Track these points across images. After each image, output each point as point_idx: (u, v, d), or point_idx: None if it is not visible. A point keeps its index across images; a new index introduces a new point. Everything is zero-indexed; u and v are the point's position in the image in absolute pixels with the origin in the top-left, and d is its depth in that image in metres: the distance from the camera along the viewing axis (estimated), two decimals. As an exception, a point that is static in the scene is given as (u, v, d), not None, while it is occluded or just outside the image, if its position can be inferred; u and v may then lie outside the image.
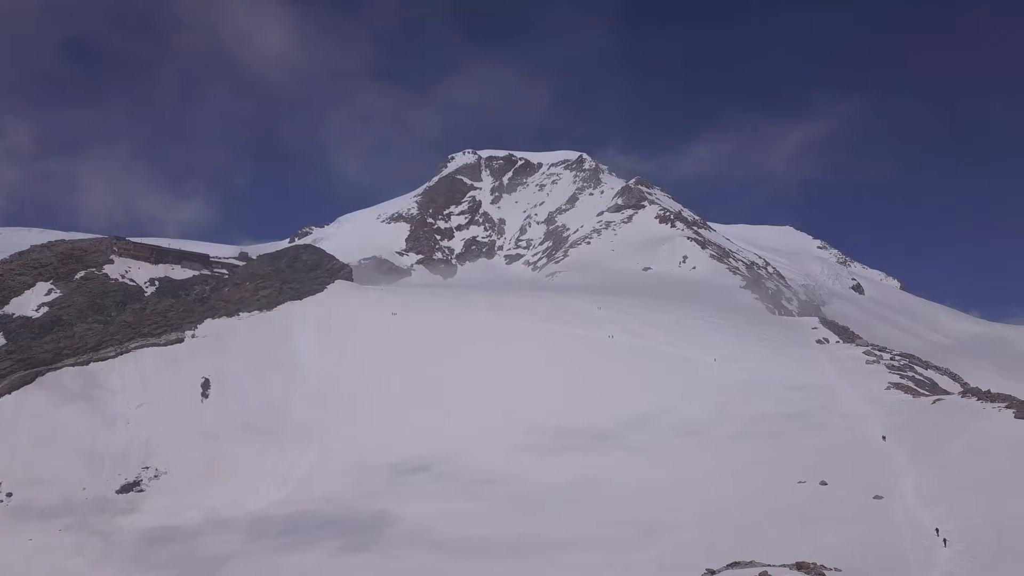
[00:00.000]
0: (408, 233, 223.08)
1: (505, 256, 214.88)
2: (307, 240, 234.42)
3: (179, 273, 79.73)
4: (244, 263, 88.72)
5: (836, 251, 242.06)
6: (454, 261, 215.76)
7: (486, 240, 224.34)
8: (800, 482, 40.97)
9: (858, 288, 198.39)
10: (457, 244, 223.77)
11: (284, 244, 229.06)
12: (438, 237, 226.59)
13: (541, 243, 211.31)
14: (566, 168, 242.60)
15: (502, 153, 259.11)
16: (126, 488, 53.00)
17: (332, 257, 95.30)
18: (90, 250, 74.81)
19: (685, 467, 45.91)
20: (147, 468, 55.70)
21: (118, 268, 75.33)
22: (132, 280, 74.80)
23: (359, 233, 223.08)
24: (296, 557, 37.74)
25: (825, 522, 34.57)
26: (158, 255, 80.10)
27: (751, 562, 24.44)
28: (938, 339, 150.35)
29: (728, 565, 25.15)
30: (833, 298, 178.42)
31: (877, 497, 36.18)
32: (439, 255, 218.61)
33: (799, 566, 22.60)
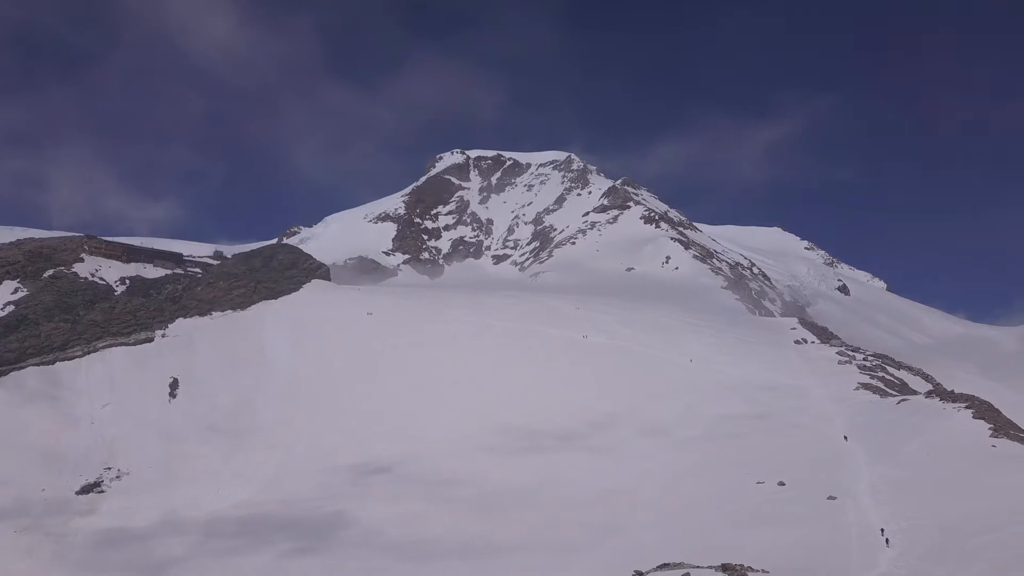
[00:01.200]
0: (395, 233, 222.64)
1: (492, 256, 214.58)
2: (294, 240, 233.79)
3: (151, 272, 79.11)
4: (219, 262, 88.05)
5: (823, 252, 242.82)
6: (441, 261, 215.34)
7: (473, 240, 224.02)
8: (759, 482, 40.72)
9: (844, 289, 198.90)
10: (444, 244, 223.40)
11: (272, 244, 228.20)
12: (425, 237, 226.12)
13: (529, 243, 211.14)
14: (554, 168, 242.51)
15: (490, 153, 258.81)
16: (86, 489, 52.33)
17: (309, 256, 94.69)
18: (59, 248, 74.08)
19: (647, 468, 45.61)
20: (109, 469, 55.07)
21: (88, 267, 74.65)
22: (102, 279, 74.12)
23: (346, 233, 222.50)
24: (245, 560, 37.29)
25: (777, 523, 34.34)
26: (130, 254, 79.42)
27: (680, 563, 24.18)
28: (921, 339, 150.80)
29: (657, 567, 24.87)
30: (818, 299, 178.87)
31: (831, 498, 35.96)
32: (426, 255, 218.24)
33: (724, 567, 22.36)
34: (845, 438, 46.17)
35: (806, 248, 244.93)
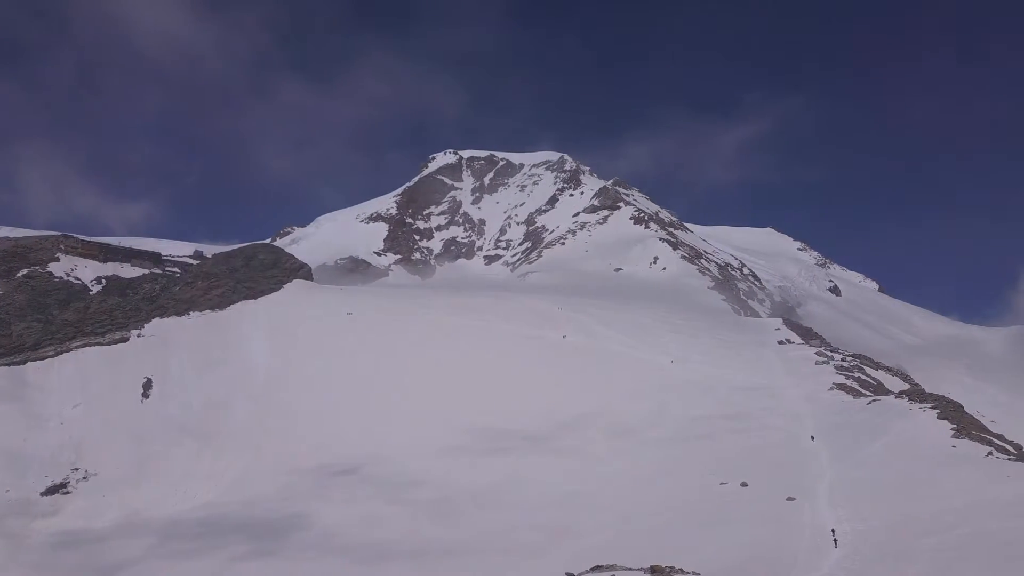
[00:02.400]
0: (386, 233, 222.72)
1: (484, 257, 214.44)
2: (286, 239, 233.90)
3: (128, 272, 78.68)
4: (198, 262, 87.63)
5: (816, 253, 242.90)
6: (432, 262, 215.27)
7: (466, 241, 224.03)
8: (723, 483, 40.38)
9: (835, 290, 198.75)
10: (436, 245, 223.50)
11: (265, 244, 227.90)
12: (417, 237, 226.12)
13: (520, 244, 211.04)
14: (547, 169, 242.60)
15: (483, 153, 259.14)
16: (52, 490, 51.91)
17: (290, 256, 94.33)
18: (35, 248, 73.69)
19: (612, 469, 45.26)
20: (76, 470, 54.67)
21: (63, 266, 74.25)
22: (77, 278, 73.70)
23: (337, 233, 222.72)
24: (197, 563, 36.86)
25: (734, 523, 33.99)
26: (107, 253, 79.01)
27: (612, 565, 23.89)
28: (909, 340, 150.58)
29: (591, 569, 24.59)
30: (809, 299, 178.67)
31: (790, 499, 35.59)
32: (417, 255, 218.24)
33: (652, 569, 22.09)
34: (812, 438, 45.87)
35: (799, 249, 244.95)
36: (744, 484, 39.81)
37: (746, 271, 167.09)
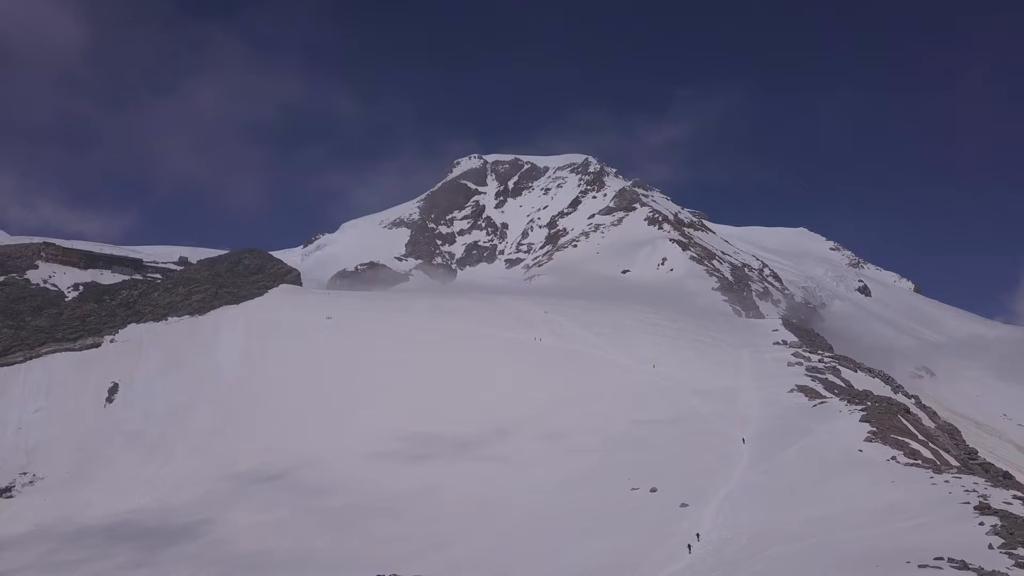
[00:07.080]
0: (408, 238, 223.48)
1: (506, 260, 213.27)
2: (311, 247, 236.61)
3: (108, 278, 79.74)
4: (182, 267, 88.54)
5: (849, 253, 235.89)
6: (454, 266, 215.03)
7: (488, 244, 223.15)
8: (633, 489, 38.62)
9: (864, 290, 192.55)
10: (458, 249, 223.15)
11: (298, 250, 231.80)
12: (439, 242, 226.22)
13: (542, 247, 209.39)
14: (571, 171, 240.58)
15: (508, 157, 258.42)
16: (-4, 494, 52.65)
17: (278, 261, 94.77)
18: (13, 255, 75.22)
19: (530, 476, 43.70)
20: (24, 474, 55.32)
21: (42, 273, 75.63)
22: (54, 285, 74.98)
23: (361, 239, 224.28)
24: (67, 574, 36.35)
25: (613, 531, 32.26)
26: (88, 260, 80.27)
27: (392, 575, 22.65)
28: (934, 338, 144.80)
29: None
30: (834, 300, 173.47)
31: (683, 505, 33.73)
32: (439, 260, 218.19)
33: (413, 582, 20.89)
34: (743, 441, 43.73)
35: (831, 249, 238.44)
36: (653, 490, 37.95)
37: (766, 272, 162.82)
